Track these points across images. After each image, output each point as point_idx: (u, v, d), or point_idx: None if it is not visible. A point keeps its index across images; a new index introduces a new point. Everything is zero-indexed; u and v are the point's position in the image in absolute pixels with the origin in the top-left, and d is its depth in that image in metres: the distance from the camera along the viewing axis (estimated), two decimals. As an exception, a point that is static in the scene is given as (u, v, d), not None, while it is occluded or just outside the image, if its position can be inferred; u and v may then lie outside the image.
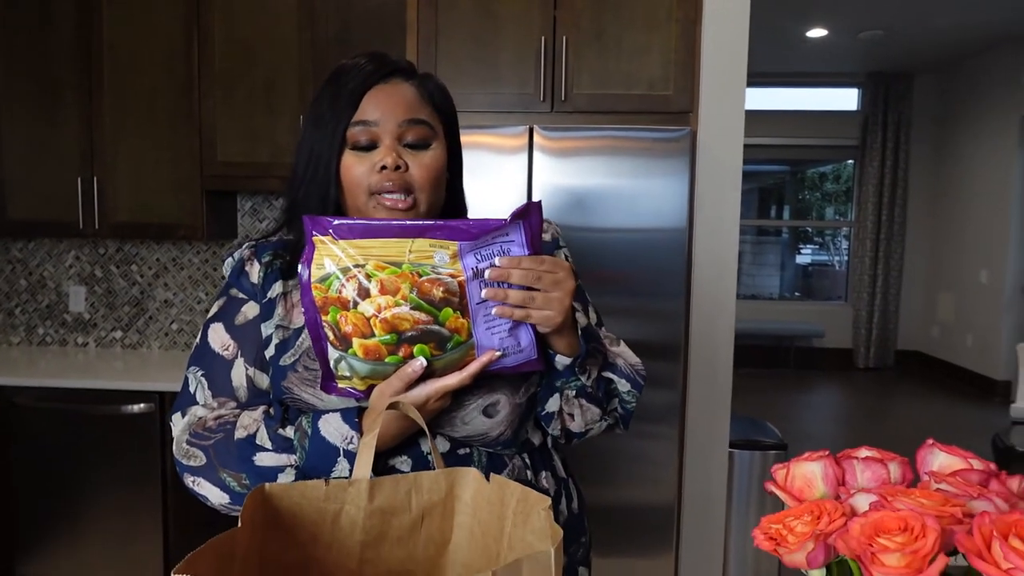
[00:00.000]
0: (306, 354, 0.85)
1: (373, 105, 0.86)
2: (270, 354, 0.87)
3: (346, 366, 0.77)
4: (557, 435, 0.97)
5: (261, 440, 0.82)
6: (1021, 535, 0.52)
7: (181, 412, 0.88)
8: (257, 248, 0.93)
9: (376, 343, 0.75)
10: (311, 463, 0.80)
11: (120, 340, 3.12)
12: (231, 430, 0.83)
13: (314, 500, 0.67)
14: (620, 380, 0.97)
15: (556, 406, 0.92)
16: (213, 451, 0.83)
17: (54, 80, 2.74)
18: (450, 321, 0.76)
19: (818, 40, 6.11)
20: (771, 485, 0.72)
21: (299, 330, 0.87)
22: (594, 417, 0.95)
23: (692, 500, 2.59)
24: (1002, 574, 0.51)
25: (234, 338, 0.89)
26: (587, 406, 0.93)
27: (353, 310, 0.74)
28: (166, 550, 2.57)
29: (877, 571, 0.54)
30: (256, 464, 0.81)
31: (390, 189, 0.85)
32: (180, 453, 0.86)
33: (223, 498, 0.84)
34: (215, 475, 0.83)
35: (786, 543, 0.61)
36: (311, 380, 0.84)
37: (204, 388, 0.88)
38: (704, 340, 2.55)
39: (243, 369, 0.88)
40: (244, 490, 0.82)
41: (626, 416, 1.00)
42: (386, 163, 0.85)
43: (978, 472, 0.66)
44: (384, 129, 0.86)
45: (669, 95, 2.34)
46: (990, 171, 6.34)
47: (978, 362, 6.43)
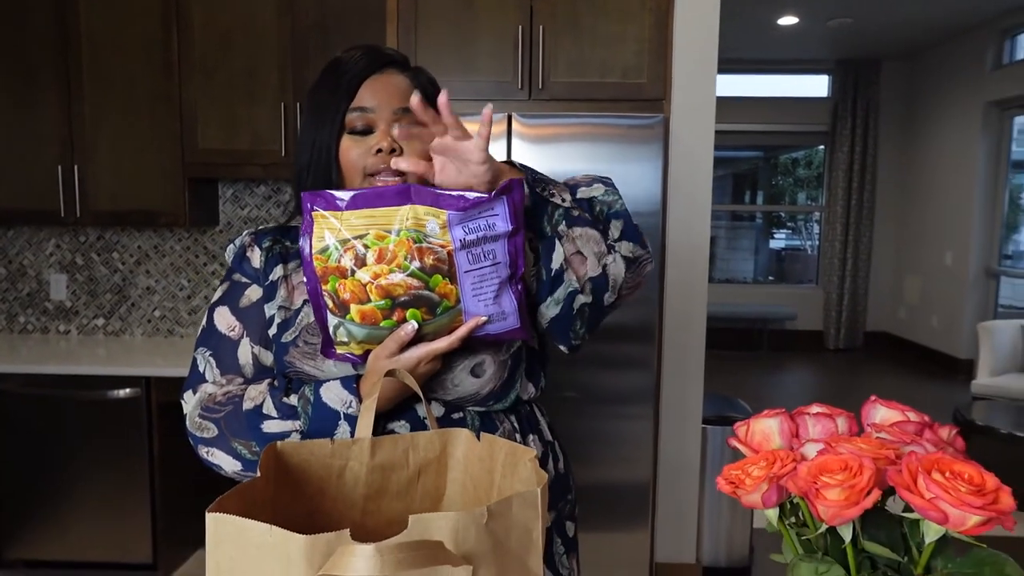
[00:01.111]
0: (306, 330, 0.92)
1: (370, 93, 0.92)
2: (273, 332, 0.94)
3: (344, 331, 0.83)
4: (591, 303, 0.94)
5: (267, 409, 0.88)
6: (942, 471, 0.60)
7: (192, 390, 0.94)
8: (257, 235, 0.99)
9: (372, 308, 0.81)
10: (314, 427, 0.86)
11: (103, 327, 3.14)
12: (239, 403, 0.90)
13: (321, 457, 0.73)
14: (590, 187, 1.00)
15: (561, 256, 0.92)
16: (224, 423, 0.89)
17: (31, 67, 2.74)
18: (440, 287, 0.82)
19: (789, 28, 6.22)
20: (733, 440, 0.80)
21: (299, 309, 0.93)
22: (601, 246, 0.93)
23: (667, 476, 2.69)
24: (925, 503, 0.59)
25: (239, 319, 0.95)
26: (585, 231, 0.93)
27: (351, 278, 0.80)
28: (154, 531, 2.61)
29: (821, 504, 0.62)
30: (264, 431, 0.87)
31: (385, 171, 0.91)
32: (193, 427, 0.92)
33: (236, 465, 0.90)
34: (227, 444, 0.89)
35: (744, 486, 0.69)
36: (311, 353, 0.90)
37: (213, 367, 0.94)
38: (678, 322, 2.64)
39: (249, 347, 0.95)
40: (254, 457, 0.88)
41: (629, 231, 0.97)
42: (382, 146, 0.91)
43: (914, 423, 0.74)
44: (380, 116, 0.92)
45: (643, 83, 2.41)
46: (954, 156, 6.52)
47: (943, 342, 6.63)
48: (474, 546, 0.55)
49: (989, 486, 0.60)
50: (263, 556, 0.53)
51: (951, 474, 0.60)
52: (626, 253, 0.96)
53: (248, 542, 0.54)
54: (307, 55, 2.70)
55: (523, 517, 0.60)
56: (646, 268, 0.98)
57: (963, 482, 0.59)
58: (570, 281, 0.93)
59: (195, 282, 3.10)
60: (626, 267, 0.95)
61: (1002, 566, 0.62)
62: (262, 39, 2.71)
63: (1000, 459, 3.51)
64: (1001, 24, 5.95)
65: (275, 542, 0.53)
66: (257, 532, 0.53)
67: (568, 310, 0.94)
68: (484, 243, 0.82)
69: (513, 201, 0.83)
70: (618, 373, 2.50)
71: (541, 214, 0.94)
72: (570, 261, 0.93)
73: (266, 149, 2.73)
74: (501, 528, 0.58)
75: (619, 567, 2.56)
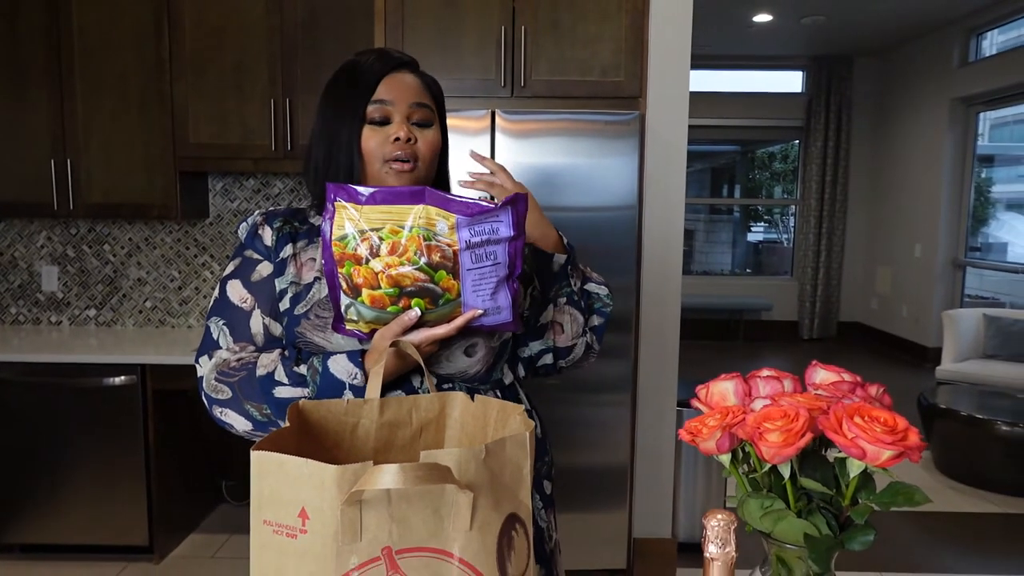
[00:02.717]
0: (317, 304, 1.02)
1: (387, 89, 1.04)
2: (284, 306, 1.03)
3: (355, 311, 0.93)
4: (546, 358, 1.20)
5: (279, 376, 0.98)
6: (862, 416, 0.72)
7: (208, 355, 1.03)
8: (268, 216, 1.08)
9: (381, 294, 0.91)
10: (321, 395, 0.96)
11: (94, 318, 3.20)
12: (253, 369, 1.00)
13: (337, 414, 0.84)
14: (599, 287, 1.25)
15: (549, 316, 1.16)
16: (238, 387, 0.99)
17: (24, 63, 2.80)
18: (443, 281, 0.92)
19: (764, 25, 6.37)
20: (695, 401, 0.92)
21: (309, 285, 1.03)
22: (579, 328, 1.19)
23: (644, 457, 2.82)
24: (848, 442, 0.71)
25: (251, 292, 1.05)
26: (574, 313, 1.19)
27: (365, 265, 0.90)
28: (149, 515, 2.69)
29: (764, 446, 0.74)
30: (275, 396, 0.97)
31: (401, 157, 1.02)
32: (209, 389, 1.01)
33: (247, 425, 1.00)
34: (240, 406, 0.99)
35: (701, 435, 0.80)
36: (321, 326, 1.00)
37: (226, 335, 1.04)
38: (653, 312, 2.76)
39: (260, 318, 1.04)
40: (265, 419, 0.98)
41: (599, 329, 1.24)
42: (399, 135, 1.02)
43: (847, 383, 0.87)
44: (396, 109, 1.04)
45: (620, 81, 2.53)
46: (923, 151, 6.72)
47: (912, 331, 6.85)
48: (474, 477, 0.66)
49: (900, 426, 0.72)
50: (300, 484, 0.64)
51: (869, 418, 0.72)
52: (590, 342, 1.23)
53: (287, 474, 0.65)
54: (296, 52, 2.78)
55: (515, 456, 0.71)
56: (590, 359, 1.26)
57: (878, 424, 0.72)
58: (547, 340, 1.19)
59: (185, 273, 3.18)
60: (584, 352, 1.23)
61: (912, 494, 0.74)
62: (251, 36, 2.78)
63: (960, 439, 3.70)
64: (968, 23, 6.15)
65: (310, 472, 0.63)
66: (295, 465, 0.64)
67: (533, 361, 1.21)
68: (487, 245, 0.92)
69: (517, 211, 0.93)
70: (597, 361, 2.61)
71: (558, 281, 1.19)
72: (552, 325, 1.18)
73: (256, 143, 2.81)
74: (496, 464, 0.69)
75: (600, 544, 2.68)
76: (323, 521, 0.64)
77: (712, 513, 0.63)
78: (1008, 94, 5.82)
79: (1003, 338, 4.59)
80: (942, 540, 3.10)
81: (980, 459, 3.63)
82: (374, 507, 0.64)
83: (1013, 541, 3.10)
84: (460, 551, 0.67)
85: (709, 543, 0.62)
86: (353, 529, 0.64)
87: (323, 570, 0.64)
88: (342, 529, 0.64)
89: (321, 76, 2.75)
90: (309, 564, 0.64)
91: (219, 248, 3.16)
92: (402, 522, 0.65)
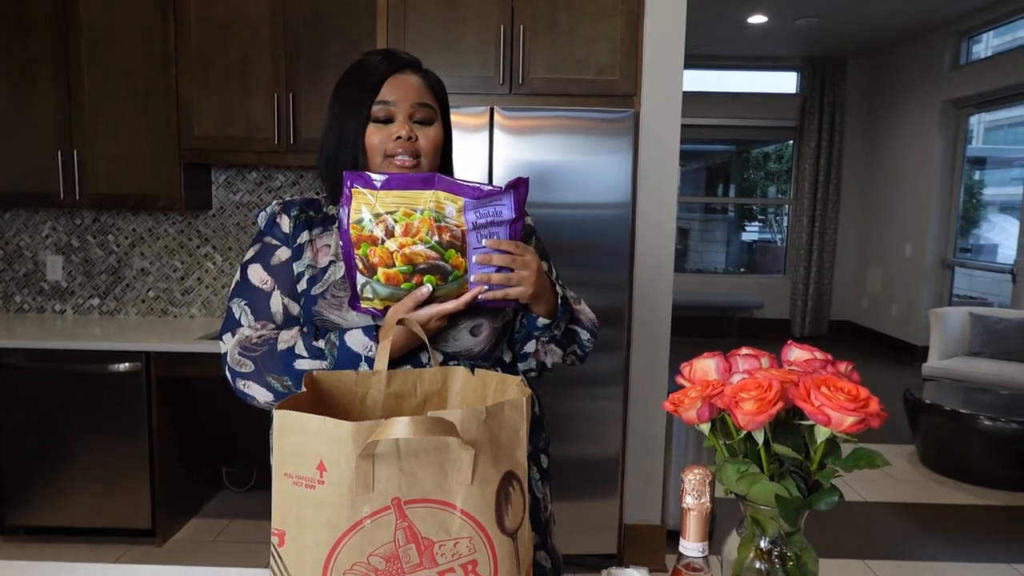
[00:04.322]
0: (332, 285, 1.09)
1: (391, 90, 1.10)
2: (302, 287, 1.11)
3: (370, 289, 1.00)
4: (532, 368, 1.25)
5: (299, 351, 1.05)
6: (828, 386, 0.80)
7: (231, 332, 1.10)
8: (285, 205, 1.16)
9: (396, 272, 0.99)
10: (339, 367, 1.03)
11: (98, 307, 3.26)
12: (274, 344, 1.07)
13: (347, 384, 0.91)
14: (582, 331, 1.27)
15: (532, 348, 1.22)
16: (260, 360, 1.06)
17: (32, 55, 2.85)
18: (453, 259, 1.00)
19: (758, 26, 6.45)
20: (679, 377, 0.99)
21: (324, 268, 1.11)
22: (558, 356, 1.26)
23: (635, 449, 2.89)
24: (814, 409, 0.79)
25: (271, 275, 1.12)
26: (555, 349, 1.24)
27: (380, 246, 0.97)
28: (152, 499, 2.76)
29: (739, 413, 0.81)
30: (295, 368, 1.05)
31: (401, 153, 1.09)
32: (233, 363, 1.08)
33: (268, 396, 1.07)
34: (262, 379, 1.06)
35: (683, 404, 0.88)
36: (337, 305, 1.08)
37: (248, 314, 1.11)
38: (645, 307, 2.83)
39: (280, 299, 1.11)
40: (285, 390, 1.05)
41: (583, 355, 1.31)
42: (401, 134, 1.09)
43: (819, 360, 0.94)
44: (399, 108, 1.11)
45: (615, 79, 2.60)
46: (914, 151, 6.81)
47: (902, 330, 6.94)
48: (475, 436, 0.73)
49: (862, 396, 0.79)
50: (319, 440, 0.71)
51: (834, 388, 0.79)
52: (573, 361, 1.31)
53: (306, 430, 0.71)
54: (299, 48, 2.84)
55: (512, 418, 0.78)
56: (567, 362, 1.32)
57: (843, 393, 0.79)
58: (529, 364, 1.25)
59: (188, 264, 3.24)
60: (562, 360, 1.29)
61: (872, 458, 0.81)
62: (256, 32, 2.84)
63: (944, 433, 3.79)
64: (959, 26, 6.24)
65: (328, 428, 0.70)
66: (313, 422, 0.71)
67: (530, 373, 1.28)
68: (491, 227, 1.00)
69: (519, 195, 1.01)
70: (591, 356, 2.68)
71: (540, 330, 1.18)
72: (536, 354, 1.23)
73: (259, 137, 2.88)
74: (495, 425, 0.76)
75: (592, 531, 2.76)
76: (339, 473, 0.70)
77: (690, 468, 0.70)
78: (998, 97, 5.91)
79: (988, 336, 4.68)
80: (925, 531, 3.19)
81: (963, 453, 3.71)
82: (385, 461, 0.71)
83: (993, 531, 3.19)
84: (462, 503, 0.74)
85: (687, 495, 0.69)
86: (366, 481, 0.71)
87: (339, 517, 0.71)
88: (356, 480, 0.70)
89: (324, 72, 2.83)
90: (326, 512, 0.71)
91: (221, 239, 3.22)
92: (410, 475, 0.72)
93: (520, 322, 1.21)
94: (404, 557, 0.72)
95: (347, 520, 0.71)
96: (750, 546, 0.90)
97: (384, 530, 0.72)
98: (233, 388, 1.09)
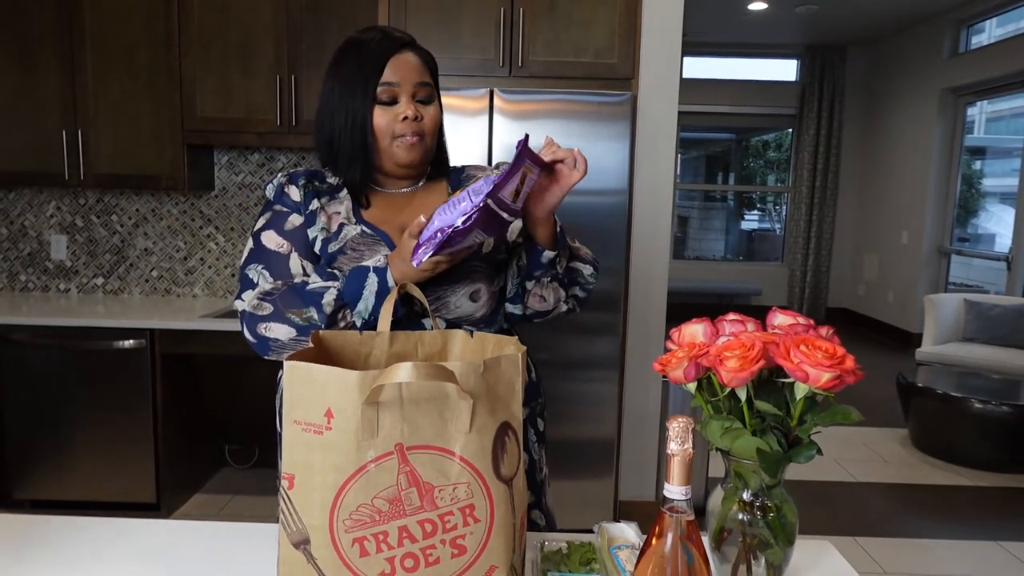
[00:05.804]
0: (351, 240, 1.14)
1: (393, 70, 1.14)
2: (318, 247, 1.15)
3: None
4: (519, 313, 1.25)
5: (313, 280, 1.10)
6: (807, 345, 0.84)
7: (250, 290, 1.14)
8: (291, 176, 1.20)
9: None
10: (348, 286, 1.07)
11: (102, 286, 3.31)
12: (291, 284, 1.11)
13: (352, 343, 0.95)
14: (584, 266, 1.26)
15: (531, 286, 1.20)
16: (280, 299, 1.09)
17: (36, 36, 2.88)
18: None
19: (758, 13, 6.46)
20: (669, 342, 1.03)
21: (338, 231, 1.16)
22: (560, 297, 1.23)
23: (630, 429, 2.95)
24: (793, 366, 0.83)
25: (286, 239, 1.16)
26: (557, 288, 1.22)
27: None
28: (157, 473, 2.81)
29: (723, 370, 0.86)
30: (308, 290, 1.08)
31: (409, 134, 1.14)
32: (252, 308, 1.11)
33: (291, 332, 1.09)
34: (282, 316, 1.09)
35: (671, 364, 0.92)
36: (357, 258, 1.13)
37: (266, 276, 1.14)
38: (642, 290, 2.88)
39: (299, 261, 1.15)
40: (305, 323, 1.08)
41: (584, 298, 1.29)
42: (408, 114, 1.14)
43: (802, 325, 0.99)
44: (403, 89, 1.14)
45: (613, 63, 2.63)
46: (912, 139, 6.84)
47: (898, 317, 7.00)
48: (473, 387, 0.78)
49: (838, 353, 0.84)
50: (327, 388, 0.75)
51: (812, 346, 0.84)
52: (572, 307, 1.29)
53: (314, 379, 0.76)
54: (300, 30, 2.87)
55: (508, 372, 0.82)
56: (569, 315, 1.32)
57: (820, 351, 0.83)
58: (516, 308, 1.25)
59: (191, 244, 3.28)
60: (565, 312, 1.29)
61: (848, 413, 0.86)
62: (257, 14, 2.87)
63: (936, 415, 3.85)
64: (958, 15, 6.25)
65: (335, 377, 0.75)
66: (321, 371, 0.76)
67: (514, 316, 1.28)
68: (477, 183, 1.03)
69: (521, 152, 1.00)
70: (587, 339, 2.73)
71: (543, 268, 1.19)
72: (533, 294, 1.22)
73: (261, 118, 2.91)
74: (492, 378, 0.80)
75: (588, 507, 2.81)
76: (346, 419, 0.75)
77: (674, 417, 0.74)
78: (996, 85, 5.93)
79: (982, 322, 4.73)
80: (915, 510, 3.25)
81: (954, 435, 3.77)
82: (388, 409, 0.76)
83: (982, 511, 3.25)
84: (461, 450, 0.78)
85: (671, 441, 0.74)
86: (371, 427, 0.75)
87: (345, 461, 0.76)
88: (362, 426, 0.75)
89: (324, 54, 2.86)
90: (333, 456, 0.76)
91: (224, 220, 3.26)
92: (412, 423, 0.77)
93: (516, 266, 1.22)
94: (406, 500, 0.77)
95: (353, 464, 0.76)
96: (734, 499, 0.94)
97: (387, 474, 0.76)
98: (253, 339, 1.11)
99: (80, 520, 1.11)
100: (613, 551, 0.97)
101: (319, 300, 1.07)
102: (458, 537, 0.79)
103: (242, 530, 1.10)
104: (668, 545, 0.74)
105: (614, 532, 1.02)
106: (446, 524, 0.78)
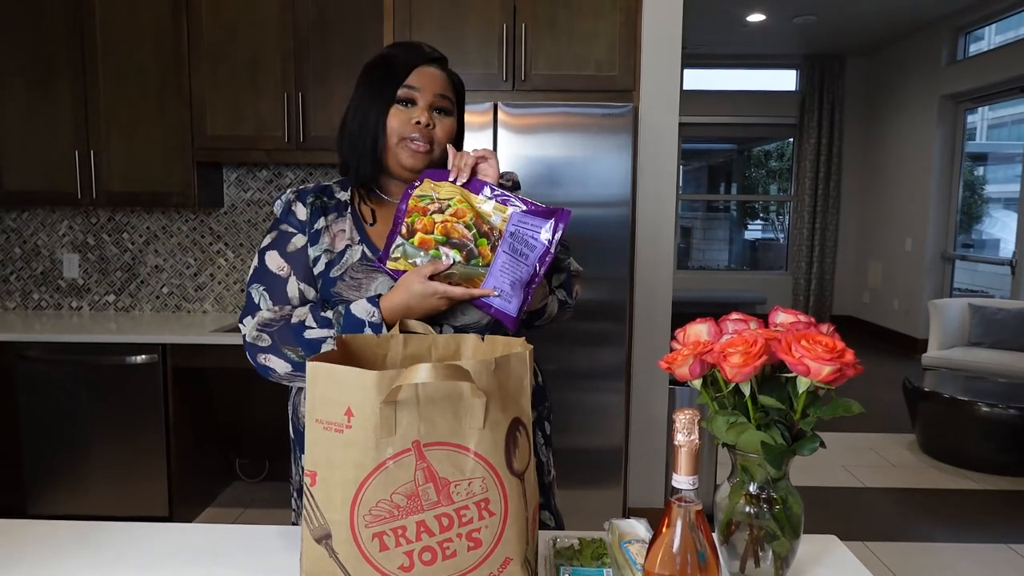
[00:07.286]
0: (351, 267, 1.17)
1: (417, 78, 1.19)
2: (319, 270, 1.18)
3: (401, 250, 1.11)
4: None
5: (309, 323, 1.13)
6: (808, 339, 0.87)
7: (251, 315, 1.18)
8: (300, 193, 1.23)
9: (431, 238, 1.10)
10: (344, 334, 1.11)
11: (113, 303, 3.35)
12: (289, 319, 1.15)
13: (371, 345, 0.99)
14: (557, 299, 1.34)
15: None
16: (277, 334, 1.14)
17: (48, 57, 2.94)
18: (482, 247, 1.11)
19: (757, 24, 6.53)
20: (674, 342, 1.06)
21: (341, 252, 1.19)
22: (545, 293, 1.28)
23: (638, 437, 2.96)
24: (795, 360, 0.86)
25: (287, 262, 1.20)
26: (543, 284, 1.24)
27: (427, 216, 1.11)
28: (169, 487, 2.84)
29: (727, 366, 0.89)
30: (306, 337, 1.12)
31: (418, 138, 1.18)
32: (252, 338, 1.16)
33: (286, 367, 1.14)
34: (279, 351, 1.14)
35: (676, 361, 0.95)
36: (355, 286, 1.16)
37: (266, 299, 1.19)
38: (646, 302, 2.90)
39: (296, 284, 1.19)
40: (300, 360, 1.12)
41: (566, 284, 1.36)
42: (421, 120, 1.18)
43: (803, 323, 1.02)
44: (422, 95, 1.19)
45: (614, 75, 2.68)
46: (913, 147, 6.87)
47: (903, 323, 7.00)
48: (486, 385, 0.81)
49: (838, 347, 0.87)
50: (347, 388, 0.78)
51: (813, 341, 0.87)
52: (563, 299, 1.34)
53: (335, 379, 0.79)
54: (307, 49, 2.93)
55: (518, 370, 0.86)
56: (566, 315, 1.37)
57: (820, 346, 0.86)
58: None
59: (201, 260, 3.32)
60: (559, 309, 1.33)
61: (849, 405, 0.89)
62: (264, 33, 2.93)
63: (943, 420, 3.85)
64: (955, 22, 6.31)
65: (355, 377, 0.78)
66: (342, 372, 0.79)
67: None
68: (525, 244, 1.12)
69: (559, 222, 1.13)
70: (593, 349, 2.75)
71: None
72: None
73: (269, 135, 2.96)
74: (503, 375, 0.84)
75: (598, 516, 2.82)
76: (365, 417, 0.78)
77: (681, 410, 0.77)
78: (995, 91, 5.98)
79: (987, 326, 4.74)
80: (925, 515, 3.25)
81: (961, 439, 3.78)
82: (406, 408, 0.79)
83: (990, 514, 3.26)
84: (475, 446, 0.81)
85: (678, 433, 0.77)
86: (389, 425, 0.79)
87: (365, 458, 0.79)
88: (380, 424, 0.78)
89: (331, 71, 2.91)
90: (353, 453, 0.79)
91: (233, 236, 3.31)
92: (428, 420, 0.80)
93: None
94: (423, 495, 0.80)
95: (372, 461, 0.79)
96: (740, 492, 0.97)
97: (405, 470, 0.80)
98: (254, 365, 1.17)
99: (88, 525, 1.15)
100: (624, 545, 1.00)
101: (317, 348, 1.12)
102: (474, 530, 0.81)
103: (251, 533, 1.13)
104: (677, 534, 0.77)
105: (625, 528, 1.05)
106: (462, 518, 0.81)
